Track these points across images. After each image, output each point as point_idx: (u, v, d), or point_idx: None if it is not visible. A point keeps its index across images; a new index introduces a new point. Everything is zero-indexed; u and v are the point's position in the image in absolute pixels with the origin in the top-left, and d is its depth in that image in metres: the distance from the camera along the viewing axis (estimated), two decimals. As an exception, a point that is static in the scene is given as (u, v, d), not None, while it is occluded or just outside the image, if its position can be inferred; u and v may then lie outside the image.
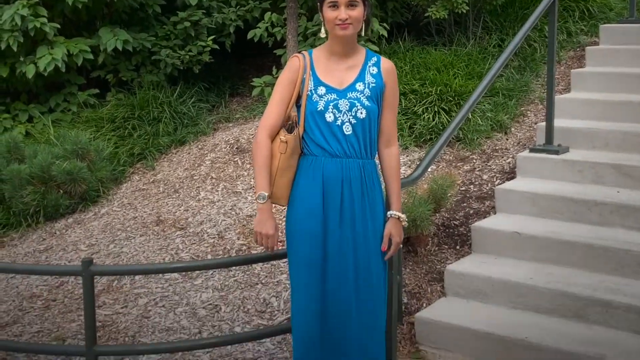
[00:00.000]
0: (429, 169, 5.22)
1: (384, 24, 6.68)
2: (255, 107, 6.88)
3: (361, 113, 2.93)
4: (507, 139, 5.64)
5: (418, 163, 5.33)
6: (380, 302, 3.04)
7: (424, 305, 4.12)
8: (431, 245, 4.58)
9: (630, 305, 3.65)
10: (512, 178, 5.06)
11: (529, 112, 5.96)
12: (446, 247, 4.57)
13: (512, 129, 5.75)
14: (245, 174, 5.54)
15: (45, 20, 6.28)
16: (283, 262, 4.35)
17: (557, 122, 5.13)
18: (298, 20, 6.59)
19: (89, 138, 5.87)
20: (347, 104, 2.92)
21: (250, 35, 6.92)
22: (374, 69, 3.00)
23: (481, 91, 4.36)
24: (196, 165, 5.84)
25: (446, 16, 6.55)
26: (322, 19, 2.96)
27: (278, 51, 6.87)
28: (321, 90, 2.94)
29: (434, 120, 5.74)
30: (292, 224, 3.00)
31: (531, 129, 5.67)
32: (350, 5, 2.88)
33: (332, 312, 2.96)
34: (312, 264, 2.94)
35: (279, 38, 6.86)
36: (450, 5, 6.46)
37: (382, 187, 3.08)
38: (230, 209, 5.13)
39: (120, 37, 6.56)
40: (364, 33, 3.03)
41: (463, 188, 5.12)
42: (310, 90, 2.95)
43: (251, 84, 6.67)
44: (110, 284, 4.47)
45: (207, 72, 7.37)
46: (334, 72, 2.98)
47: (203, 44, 7.01)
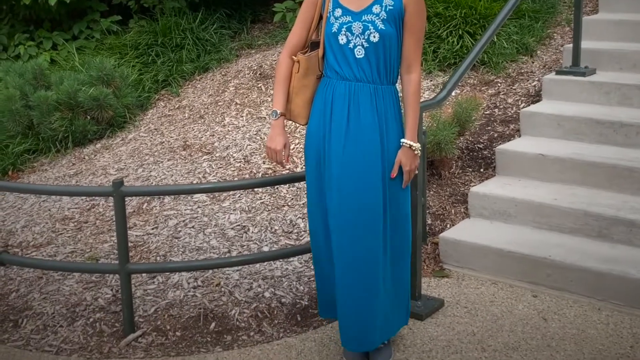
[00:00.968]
0: (453, 93, 5.22)
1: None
2: (277, 33, 6.84)
3: (374, 37, 2.88)
4: (533, 62, 5.59)
5: (442, 87, 5.33)
6: (400, 221, 3.08)
7: (448, 226, 4.18)
8: (455, 169, 4.61)
9: (654, 224, 3.69)
10: (538, 101, 5.03)
11: (555, 34, 5.88)
12: (470, 170, 4.60)
13: (538, 52, 5.68)
14: (269, 99, 5.56)
15: (65, -55, 6.25)
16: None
17: (584, 44, 5.06)
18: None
19: (113, 65, 5.90)
20: (360, 27, 2.89)
21: (271, -41, 6.85)
22: None
23: (506, 13, 4.31)
24: (220, 91, 5.86)
25: (472, -64, 6.39)
26: None
27: (300, -22, 6.79)
28: (338, 12, 2.92)
29: (458, 44, 5.69)
30: (306, 141, 3.06)
31: (557, 51, 5.61)
32: None
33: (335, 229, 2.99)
34: (316, 180, 3.01)
35: (301, -35, 6.77)
36: None
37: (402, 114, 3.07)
38: (255, 134, 5.18)
39: (142, -37, 6.52)
40: None
41: (487, 112, 5.11)
42: (330, 12, 2.94)
43: (273, 9, 6.62)
44: (140, 206, 4.57)
45: (229, -3, 7.32)
46: None
47: (224, -32, 6.95)
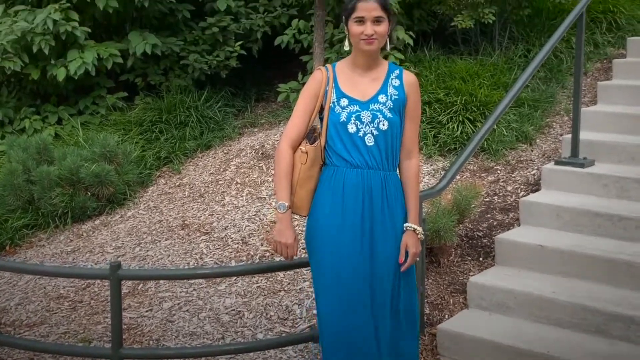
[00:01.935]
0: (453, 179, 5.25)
1: (410, 32, 6.69)
2: (281, 112, 6.93)
3: (383, 125, 2.97)
4: (532, 151, 5.64)
5: (442, 173, 5.37)
6: (408, 306, 3.08)
7: (446, 316, 4.13)
8: (454, 256, 4.59)
9: (654, 322, 3.65)
10: (537, 190, 5.05)
11: (554, 123, 5.95)
12: (469, 258, 4.58)
13: (537, 141, 5.74)
14: (270, 179, 5.59)
15: (76, 24, 6.38)
16: (306, 270, 4.39)
17: (583, 135, 5.11)
18: (325, 27, 6.63)
19: (116, 141, 5.96)
20: (369, 116, 2.97)
21: (277, 41, 6.97)
22: (396, 82, 3.04)
23: (507, 103, 4.38)
24: (221, 169, 5.90)
25: (472, 26, 6.55)
26: (346, 32, 3.01)
27: (304, 57, 6.91)
28: (344, 101, 2.99)
29: (458, 129, 5.75)
30: (313, 232, 3.04)
31: (556, 140, 5.66)
32: (376, 21, 2.93)
33: (353, 315, 2.98)
34: (333, 269, 2.98)
35: (305, 45, 6.91)
36: (476, 15, 6.46)
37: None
38: (254, 215, 5.19)
39: (150, 41, 6.65)
40: (388, 48, 3.08)
41: (487, 199, 5.13)
42: (333, 102, 3.00)
43: (277, 89, 6.73)
44: (135, 287, 4.53)
45: (234, 77, 7.43)
46: (357, 85, 3.02)
47: (230, 49, 7.08)
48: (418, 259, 3.31)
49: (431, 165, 5.58)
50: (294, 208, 3.07)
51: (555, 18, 7.01)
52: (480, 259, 4.56)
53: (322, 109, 3.04)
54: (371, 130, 2.97)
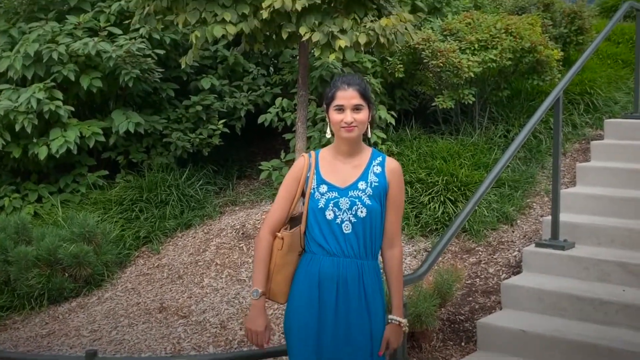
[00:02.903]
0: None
1: (392, 112, 6.78)
2: (263, 190, 6.93)
3: (362, 212, 2.94)
4: (513, 231, 5.64)
5: (424, 254, 5.36)
6: None
7: (428, 405, 4.05)
8: (436, 341, 4.53)
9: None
10: (518, 272, 5.04)
11: (534, 204, 5.98)
12: (451, 343, 4.52)
13: (518, 221, 5.76)
14: (250, 260, 5.54)
15: (60, 103, 6.40)
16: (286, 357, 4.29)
17: (563, 217, 5.14)
18: (308, 106, 6.70)
19: (96, 220, 5.90)
20: (347, 202, 2.95)
21: (260, 120, 7.03)
22: (377, 168, 3.02)
23: (486, 187, 4.39)
24: (201, 250, 5.85)
25: (453, 106, 6.66)
26: (327, 120, 3.03)
27: (287, 136, 6.96)
28: (323, 188, 2.98)
29: (440, 210, 5.76)
30: (289, 320, 3.00)
31: (537, 221, 5.68)
32: (356, 109, 2.95)
33: None
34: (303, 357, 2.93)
35: (289, 123, 6.97)
36: (457, 95, 6.57)
37: (385, 289, 3.07)
38: (233, 297, 5.11)
39: (133, 120, 6.67)
40: (369, 135, 3.09)
41: (469, 281, 5.10)
42: (313, 188, 3.00)
43: (259, 167, 6.74)
44: (110, 374, 4.42)
45: (216, 154, 7.46)
46: (338, 171, 3.02)
47: (214, 127, 7.12)
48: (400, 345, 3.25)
49: (413, 246, 5.57)
50: (271, 294, 3.03)
51: (534, 99, 7.14)
52: (463, 343, 4.50)
53: (304, 195, 3.03)
54: (349, 218, 2.95)
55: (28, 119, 6.27)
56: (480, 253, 5.42)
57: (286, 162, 6.64)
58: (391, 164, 3.05)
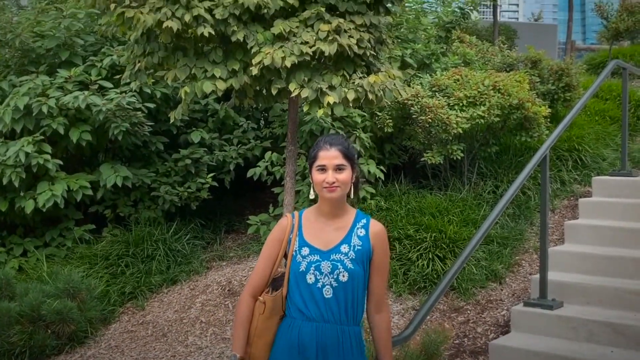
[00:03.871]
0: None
1: (381, 167, 6.79)
2: (250, 245, 6.88)
3: (343, 276, 2.88)
4: (502, 290, 5.60)
5: (412, 312, 5.30)
6: None
7: None
8: (423, 404, 4.44)
9: None
10: (507, 332, 4.98)
11: (523, 261, 5.95)
12: (438, 406, 4.43)
13: (507, 279, 5.72)
14: (237, 317, 5.46)
15: (48, 157, 6.38)
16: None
17: (552, 275, 5.10)
18: (297, 160, 6.71)
19: (81, 276, 5.83)
20: (329, 266, 2.88)
21: (250, 173, 7.02)
22: (361, 231, 2.96)
23: (475, 244, 4.36)
24: (186, 307, 5.77)
25: (441, 161, 6.67)
26: (311, 180, 3.00)
27: (276, 189, 6.95)
28: (305, 250, 2.92)
29: (428, 267, 5.72)
30: None
31: (525, 279, 5.64)
32: (338, 169, 2.91)
33: None
34: None
35: (278, 177, 6.96)
36: (445, 151, 6.59)
37: (366, 354, 3.00)
38: (217, 357, 5.02)
39: (121, 174, 6.65)
40: (352, 196, 3.05)
41: (457, 341, 5.03)
42: (295, 250, 2.94)
43: (247, 221, 6.70)
44: None
45: (205, 208, 7.42)
46: (321, 233, 2.96)
47: (202, 180, 7.10)
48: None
49: (401, 304, 5.50)
50: (252, 359, 2.96)
51: (523, 155, 7.17)
52: (450, 407, 4.42)
53: (286, 257, 2.99)
54: (330, 282, 2.88)
55: (16, 172, 6.24)
56: (468, 312, 5.36)
57: (274, 216, 6.60)
58: (375, 227, 2.99)
